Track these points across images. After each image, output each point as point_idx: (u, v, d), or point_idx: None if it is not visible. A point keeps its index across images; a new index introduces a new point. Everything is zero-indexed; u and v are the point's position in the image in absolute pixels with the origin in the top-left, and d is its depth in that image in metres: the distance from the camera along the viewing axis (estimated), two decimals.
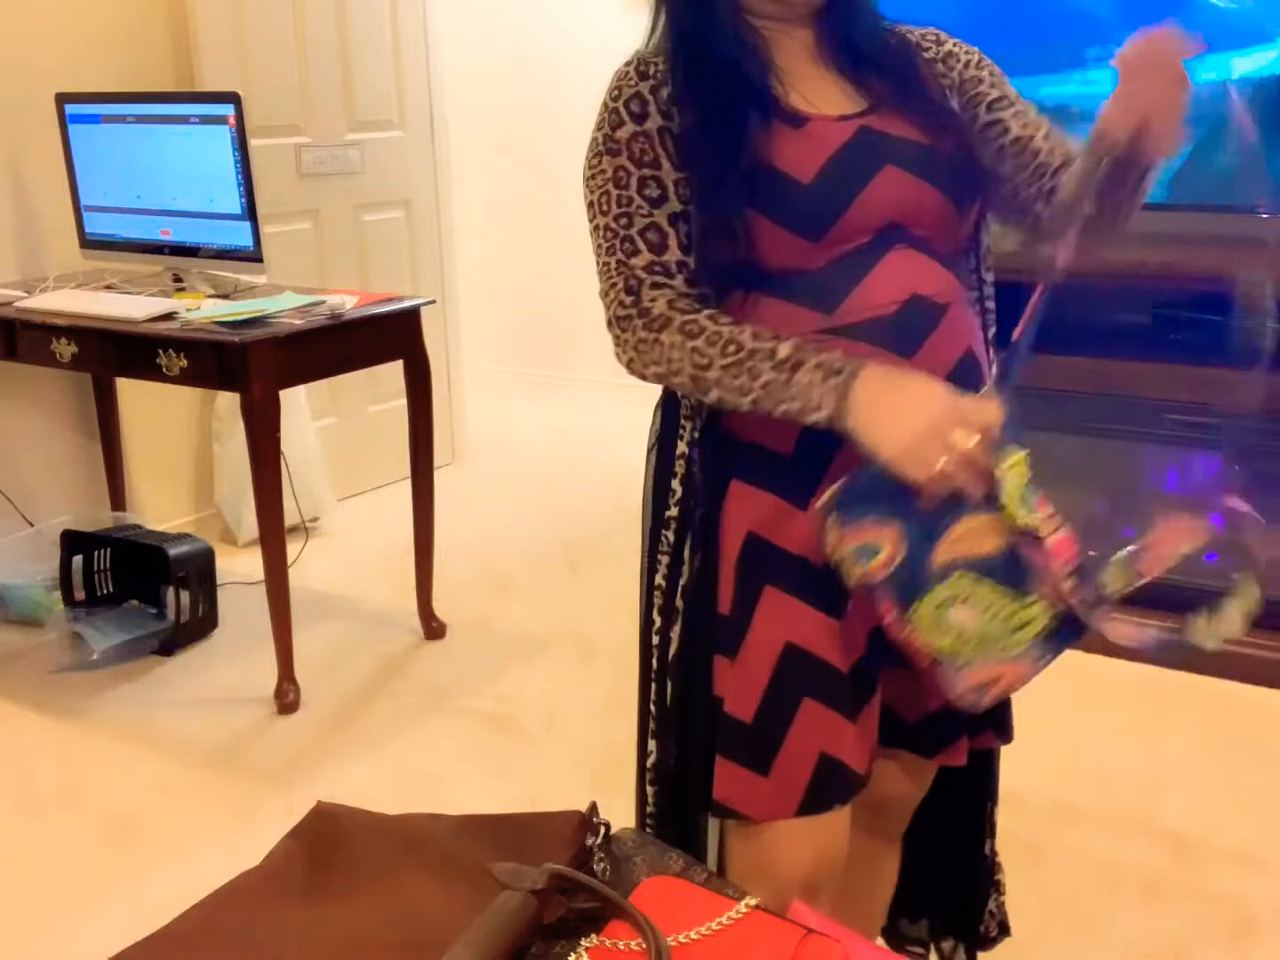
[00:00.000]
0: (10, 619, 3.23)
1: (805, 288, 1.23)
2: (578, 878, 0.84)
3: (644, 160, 1.23)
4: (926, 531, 1.14)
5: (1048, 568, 1.13)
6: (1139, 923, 2.01)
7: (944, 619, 1.14)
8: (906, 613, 1.14)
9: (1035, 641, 1.14)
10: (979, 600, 1.14)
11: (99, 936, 1.98)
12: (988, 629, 1.14)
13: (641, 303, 1.23)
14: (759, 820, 1.29)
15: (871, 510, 1.14)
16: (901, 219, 1.23)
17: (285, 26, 3.70)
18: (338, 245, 3.97)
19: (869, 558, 1.15)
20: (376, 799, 1.14)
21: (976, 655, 1.14)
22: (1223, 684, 2.76)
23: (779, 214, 1.21)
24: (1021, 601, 1.14)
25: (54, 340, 2.88)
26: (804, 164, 1.21)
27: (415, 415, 3.00)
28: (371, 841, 0.91)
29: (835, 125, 1.24)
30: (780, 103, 1.24)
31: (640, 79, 1.25)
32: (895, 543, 1.14)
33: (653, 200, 1.23)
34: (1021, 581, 1.14)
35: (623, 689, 1.49)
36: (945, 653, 1.15)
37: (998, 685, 1.15)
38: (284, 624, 2.75)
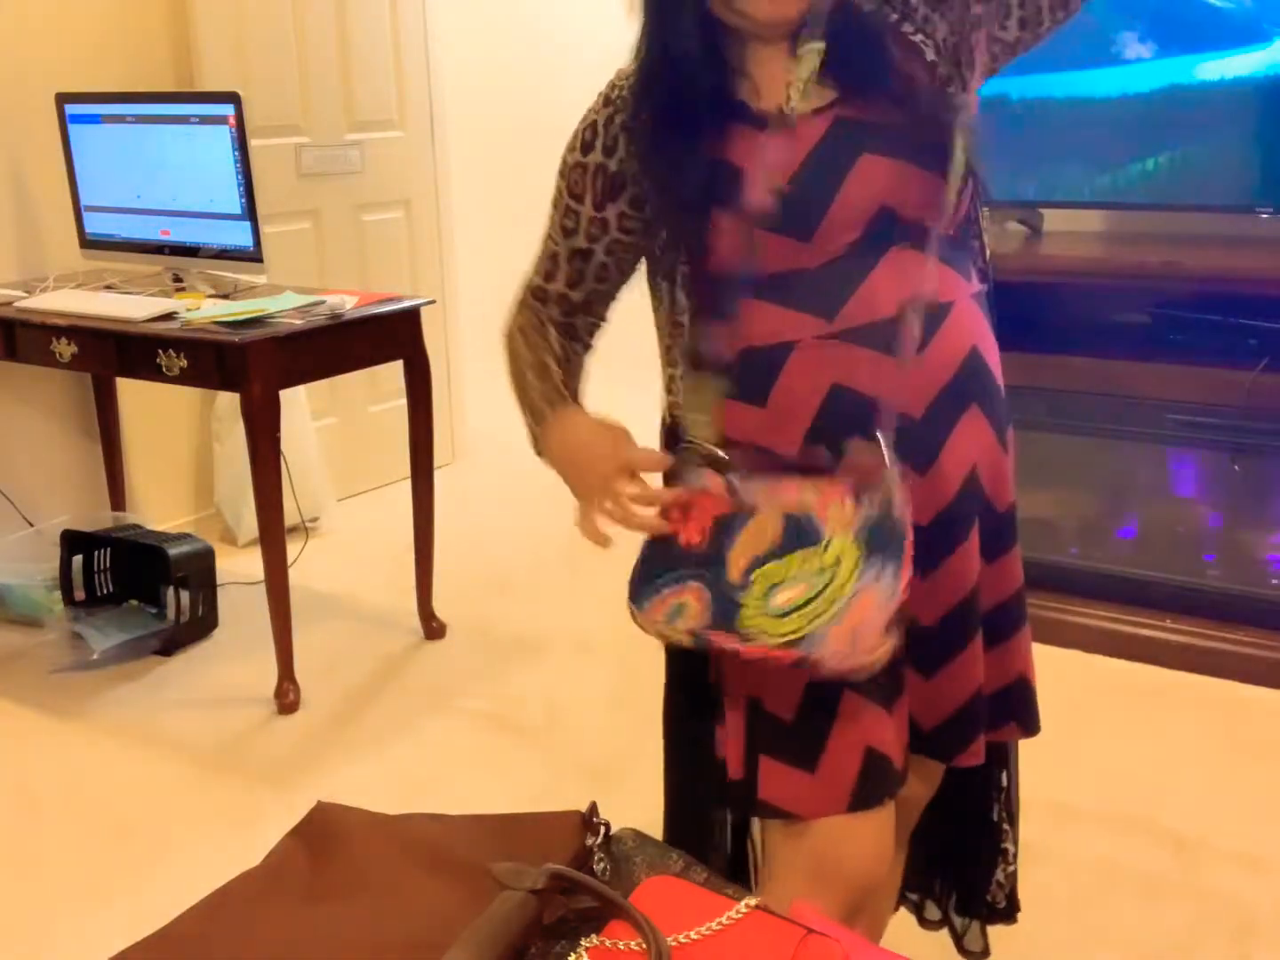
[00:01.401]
0: (10, 619, 3.23)
1: (804, 291, 1.22)
2: (578, 878, 0.84)
3: (574, 190, 1.32)
4: (715, 563, 1.18)
5: (822, 511, 1.16)
6: (1139, 923, 2.01)
7: (773, 611, 1.14)
8: (739, 631, 1.15)
9: (861, 567, 1.14)
10: (787, 574, 1.15)
11: (99, 936, 1.98)
12: (812, 590, 1.14)
13: (511, 320, 1.41)
14: (809, 818, 1.27)
15: (658, 583, 1.20)
16: (889, 203, 1.22)
17: (285, 26, 3.70)
18: (338, 245, 3.97)
19: (680, 615, 1.18)
20: (376, 799, 1.14)
21: (822, 617, 1.13)
22: (1223, 684, 2.76)
23: (763, 219, 1.20)
24: (820, 548, 1.15)
25: (54, 340, 2.88)
26: (779, 164, 1.21)
27: (415, 415, 3.00)
28: (371, 841, 0.91)
29: (811, 121, 1.22)
30: (749, 107, 1.23)
31: (604, 104, 1.29)
32: (695, 592, 1.18)
33: (565, 230, 1.34)
34: (812, 536, 1.16)
35: (623, 688, 1.49)
36: (798, 635, 1.13)
37: (864, 626, 1.12)
38: (284, 624, 2.75)
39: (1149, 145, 2.82)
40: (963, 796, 1.54)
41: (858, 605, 1.12)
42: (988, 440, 1.28)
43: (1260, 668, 2.74)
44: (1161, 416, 2.80)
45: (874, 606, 1.12)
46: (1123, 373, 2.82)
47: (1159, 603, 2.89)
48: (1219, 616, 2.82)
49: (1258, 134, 2.73)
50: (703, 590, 1.18)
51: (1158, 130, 2.81)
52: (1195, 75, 2.72)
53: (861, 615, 1.12)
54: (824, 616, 1.12)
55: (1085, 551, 3.02)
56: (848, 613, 1.12)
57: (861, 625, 1.11)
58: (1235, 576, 2.86)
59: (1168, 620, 2.86)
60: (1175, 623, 2.86)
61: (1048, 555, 2.95)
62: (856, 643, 1.11)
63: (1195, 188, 2.82)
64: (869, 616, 1.12)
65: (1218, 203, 2.85)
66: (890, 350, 1.21)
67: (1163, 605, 2.88)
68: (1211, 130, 2.76)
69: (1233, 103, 2.72)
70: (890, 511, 1.15)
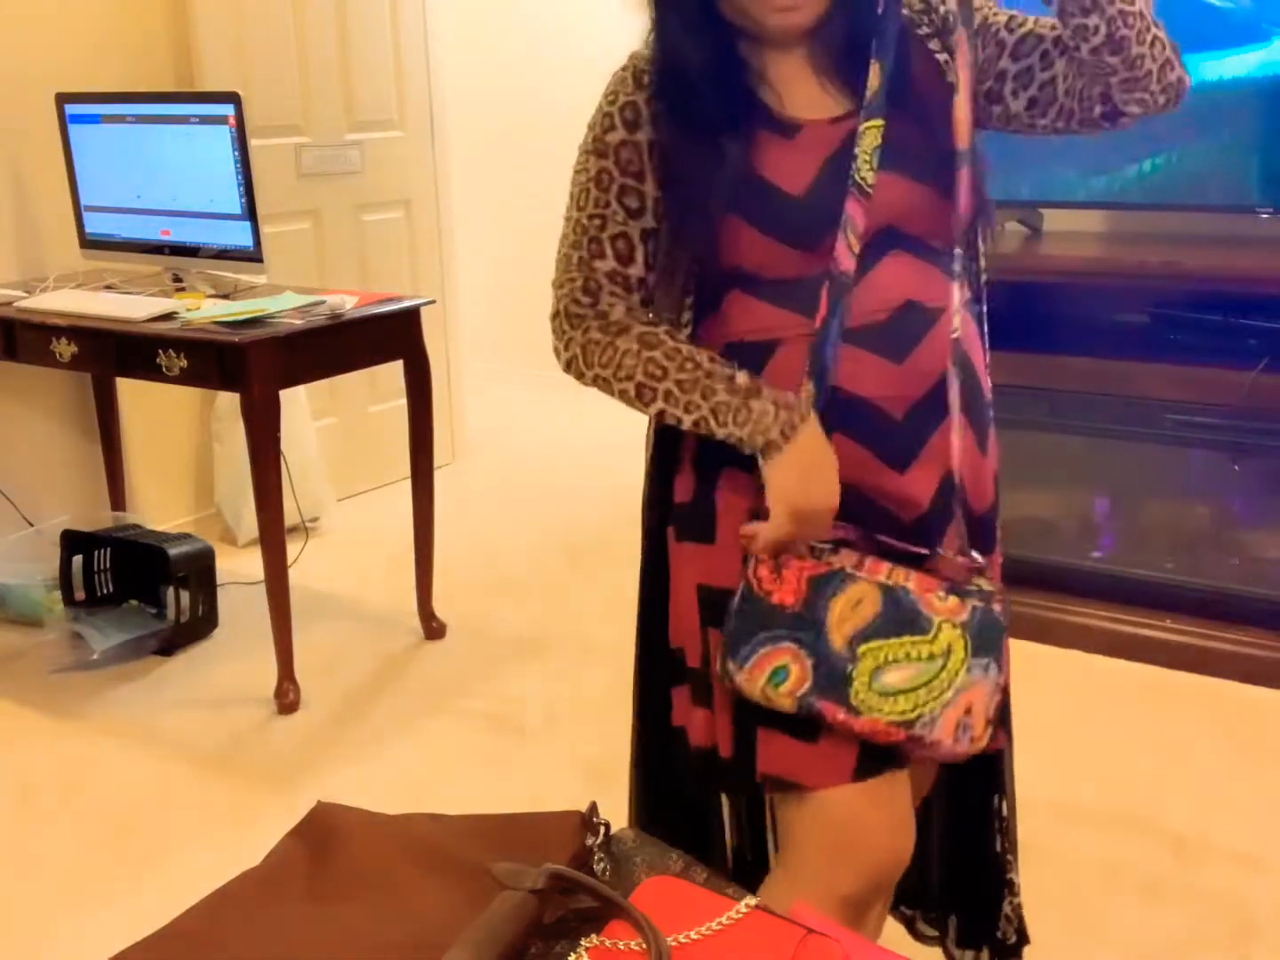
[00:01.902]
0: (10, 619, 3.23)
1: (797, 294, 1.23)
2: (578, 878, 0.84)
3: (629, 169, 1.25)
4: (812, 628, 1.19)
5: (926, 600, 1.19)
6: (1139, 923, 2.01)
7: (884, 689, 1.18)
8: (850, 704, 1.18)
9: (970, 660, 1.18)
10: (896, 656, 1.18)
11: (99, 936, 1.98)
12: (922, 675, 1.18)
13: (599, 304, 1.26)
14: (815, 788, 1.26)
15: (755, 641, 1.21)
16: (894, 222, 1.23)
17: (285, 26, 3.70)
18: (338, 245, 3.97)
19: (784, 679, 1.19)
20: (376, 799, 1.14)
21: (932, 701, 1.17)
22: (1223, 684, 2.76)
23: (769, 226, 1.21)
24: (929, 637, 1.18)
25: (54, 340, 2.88)
26: (794, 175, 1.21)
27: (415, 415, 3.00)
28: (371, 841, 0.91)
29: (827, 130, 1.23)
30: (771, 111, 1.23)
31: (636, 86, 1.25)
32: (795, 655, 1.19)
33: (630, 210, 1.25)
34: (916, 622, 1.19)
35: (622, 689, 1.49)
36: (908, 716, 1.18)
37: (974, 715, 1.18)
38: (284, 624, 2.75)
39: (1149, 145, 2.82)
40: (963, 831, 1.55)
41: (967, 695, 1.18)
42: (968, 443, 1.28)
43: (1260, 668, 2.74)
44: (1161, 416, 2.80)
45: (982, 697, 1.19)
46: (1122, 373, 2.82)
47: (1159, 603, 2.89)
48: (1219, 616, 2.82)
49: (1257, 134, 2.73)
50: (801, 653, 1.19)
51: (1157, 130, 2.81)
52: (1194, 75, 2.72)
53: (971, 704, 1.18)
54: (936, 701, 1.18)
55: (1085, 551, 3.02)
56: (958, 700, 1.18)
57: (972, 714, 1.18)
58: (1235, 576, 2.86)
59: (1168, 620, 2.86)
60: (1175, 623, 2.85)
61: (1047, 555, 2.95)
62: (968, 729, 1.18)
63: (1195, 188, 2.82)
64: (977, 707, 1.19)
65: (1218, 203, 2.85)
66: (877, 351, 1.22)
67: (1163, 605, 2.88)
68: (1211, 130, 2.76)
69: (1232, 102, 2.72)
70: (992, 608, 1.20)
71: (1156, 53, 1.22)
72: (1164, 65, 1.23)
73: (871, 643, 1.18)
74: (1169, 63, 1.24)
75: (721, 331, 1.27)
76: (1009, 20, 1.30)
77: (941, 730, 1.18)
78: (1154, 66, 1.22)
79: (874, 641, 1.18)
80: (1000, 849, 1.53)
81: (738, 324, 1.26)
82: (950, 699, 1.17)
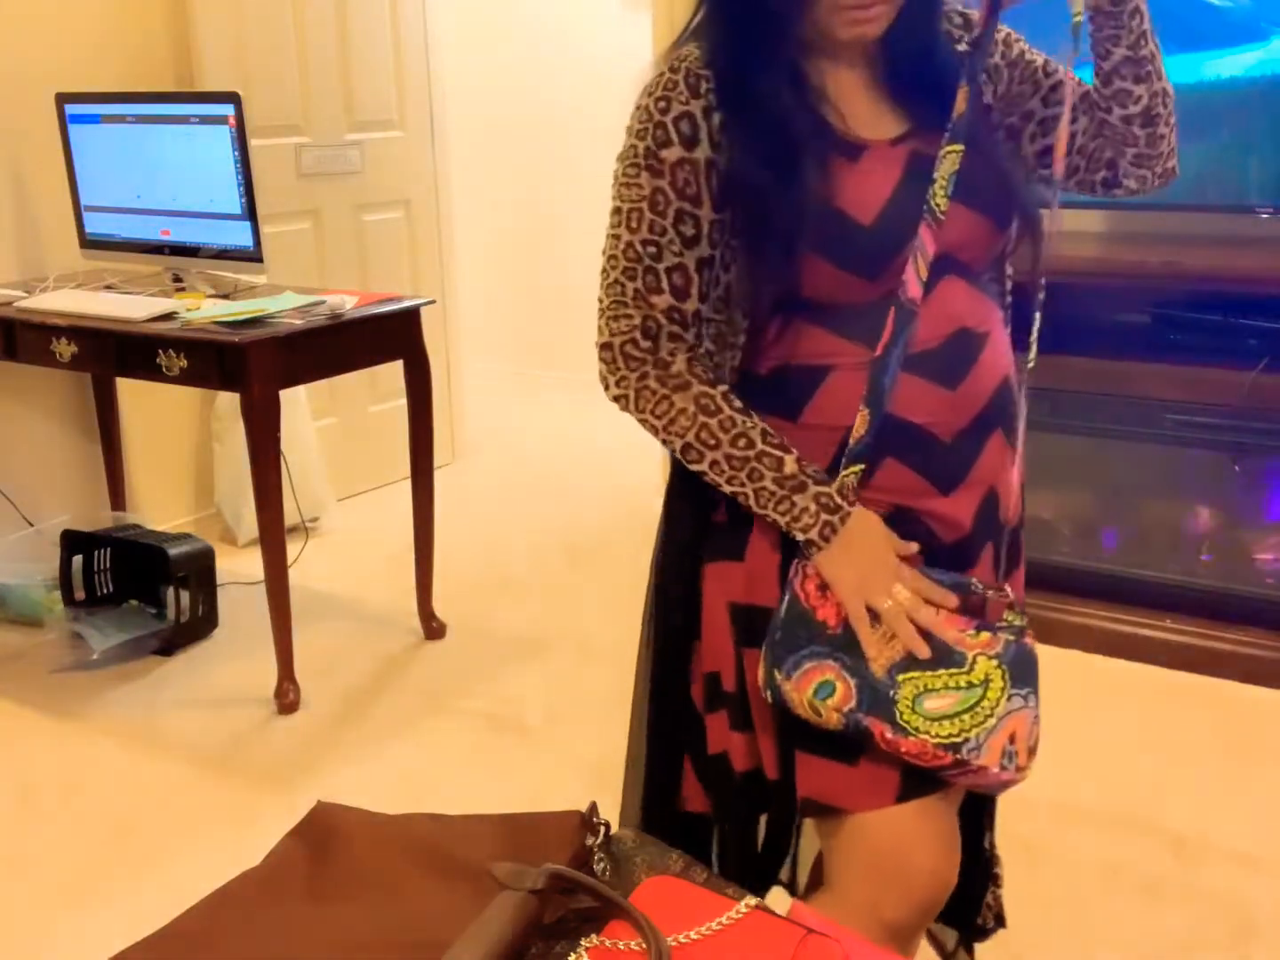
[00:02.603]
0: (10, 619, 3.23)
1: (852, 321, 1.21)
2: (578, 878, 0.84)
3: (686, 192, 1.18)
4: (853, 653, 1.19)
5: (957, 639, 1.19)
6: (1139, 923, 2.01)
7: (927, 713, 1.17)
8: (898, 724, 1.17)
9: (1008, 690, 1.18)
10: (934, 686, 1.18)
11: (99, 936, 1.98)
12: (964, 702, 1.17)
13: (659, 352, 1.22)
14: (856, 811, 1.23)
15: (801, 654, 1.20)
16: (951, 249, 1.22)
17: (285, 26, 3.70)
18: (338, 245, 3.97)
19: (830, 693, 1.18)
20: (376, 799, 1.14)
21: (978, 726, 1.17)
22: (1223, 684, 2.76)
23: (839, 256, 1.18)
24: (965, 669, 1.18)
25: (54, 340, 2.88)
26: (865, 203, 1.18)
27: (415, 415, 3.00)
28: (371, 841, 0.91)
29: (890, 152, 1.21)
30: (836, 133, 1.20)
31: (692, 95, 1.17)
32: (839, 673, 1.19)
33: (685, 239, 1.19)
34: (951, 656, 1.19)
35: (623, 689, 1.49)
36: (955, 739, 1.16)
37: (1018, 743, 1.17)
38: (284, 624, 2.75)
39: None
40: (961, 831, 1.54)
41: (1010, 722, 1.18)
42: (1007, 463, 1.28)
43: (1260, 668, 2.74)
44: (1161, 416, 2.80)
45: (1024, 725, 1.18)
46: (1123, 373, 2.82)
47: (1159, 603, 2.89)
48: (1219, 616, 2.82)
49: (1257, 133, 2.73)
50: (843, 673, 1.18)
51: None
52: (1193, 74, 2.72)
53: (1014, 731, 1.18)
54: (982, 726, 1.17)
55: (1085, 551, 3.02)
56: (1002, 726, 1.17)
57: (1016, 742, 1.17)
58: (1235, 576, 2.86)
59: (1168, 620, 2.86)
60: (1175, 623, 2.86)
61: (1048, 555, 2.95)
62: (1013, 757, 1.17)
63: (1195, 188, 2.82)
64: (1020, 734, 1.18)
65: (1218, 203, 2.84)
66: (932, 378, 1.21)
67: (1163, 605, 2.88)
68: (1211, 130, 2.76)
69: (1232, 102, 2.72)
70: (1024, 642, 1.20)
71: (1172, 139, 1.30)
72: (1172, 151, 1.32)
73: (910, 673, 1.18)
74: (1174, 150, 1.32)
75: (775, 354, 1.24)
76: (1045, 63, 1.31)
77: (988, 756, 1.16)
78: (1166, 149, 1.31)
79: (912, 672, 1.18)
80: (988, 844, 1.52)
81: (793, 348, 1.23)
82: (994, 725, 1.16)
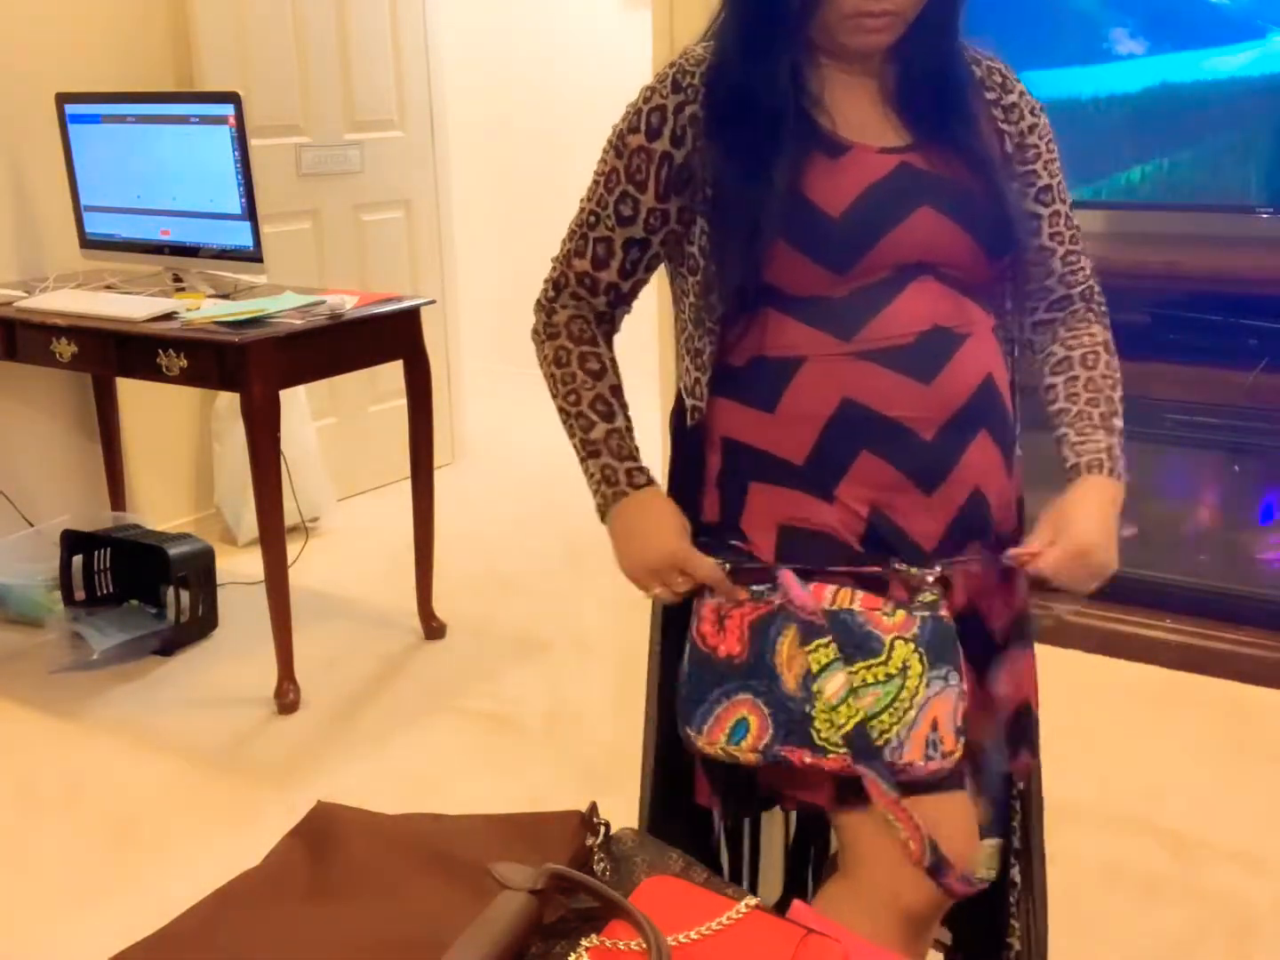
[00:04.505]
0: (10, 619, 3.23)
1: (826, 314, 1.22)
2: (578, 878, 0.84)
3: (635, 177, 1.26)
4: (764, 674, 1.18)
5: (873, 619, 1.18)
6: (1139, 923, 2.01)
7: (846, 721, 1.15)
8: (815, 745, 1.16)
9: (926, 673, 1.17)
10: (853, 682, 1.16)
11: (99, 936, 1.98)
12: (882, 699, 1.16)
13: (555, 304, 1.35)
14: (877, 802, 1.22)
15: (709, 701, 1.20)
16: (931, 259, 1.22)
17: (285, 26, 3.70)
18: (338, 245, 3.97)
19: (744, 733, 1.18)
20: (376, 799, 1.14)
21: (897, 724, 1.16)
22: (1222, 684, 2.76)
23: (806, 245, 1.19)
24: (882, 658, 1.17)
25: (54, 340, 2.88)
26: (835, 196, 1.19)
27: (415, 415, 3.00)
28: (371, 841, 0.91)
29: (875, 157, 1.22)
30: (820, 130, 1.22)
31: (673, 91, 1.24)
32: (751, 706, 1.18)
33: (621, 218, 1.28)
34: (868, 644, 1.17)
35: (623, 688, 1.49)
36: (874, 741, 1.16)
37: (941, 729, 1.17)
38: (284, 624, 2.75)
39: (1148, 145, 2.82)
40: None
41: (931, 710, 1.17)
42: (995, 464, 1.28)
43: (1260, 668, 2.74)
44: (1161, 416, 2.80)
45: (947, 708, 1.18)
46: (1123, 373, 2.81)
47: (1159, 603, 2.89)
48: (1219, 616, 2.82)
49: (1257, 133, 2.73)
50: (757, 703, 1.18)
51: (1157, 130, 2.81)
52: (1191, 72, 2.72)
53: (936, 718, 1.17)
54: (901, 723, 1.16)
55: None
56: (924, 717, 1.16)
57: (939, 728, 1.17)
58: (1235, 576, 2.86)
59: (1168, 620, 2.86)
60: (1175, 623, 2.86)
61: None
62: (938, 745, 1.17)
63: (1195, 188, 2.82)
64: (943, 719, 1.17)
65: (1218, 203, 2.84)
66: (905, 371, 1.21)
67: (1163, 605, 2.88)
68: (1211, 130, 2.76)
69: (1232, 102, 2.72)
70: (940, 616, 1.19)
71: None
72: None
73: (824, 675, 1.16)
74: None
75: (750, 345, 1.25)
76: (1046, 162, 1.35)
77: (911, 751, 1.16)
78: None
79: (825, 673, 1.16)
80: (1015, 877, 1.45)
81: (765, 339, 1.25)
82: (915, 718, 1.16)
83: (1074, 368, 1.35)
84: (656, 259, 1.32)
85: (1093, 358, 1.36)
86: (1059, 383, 1.35)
